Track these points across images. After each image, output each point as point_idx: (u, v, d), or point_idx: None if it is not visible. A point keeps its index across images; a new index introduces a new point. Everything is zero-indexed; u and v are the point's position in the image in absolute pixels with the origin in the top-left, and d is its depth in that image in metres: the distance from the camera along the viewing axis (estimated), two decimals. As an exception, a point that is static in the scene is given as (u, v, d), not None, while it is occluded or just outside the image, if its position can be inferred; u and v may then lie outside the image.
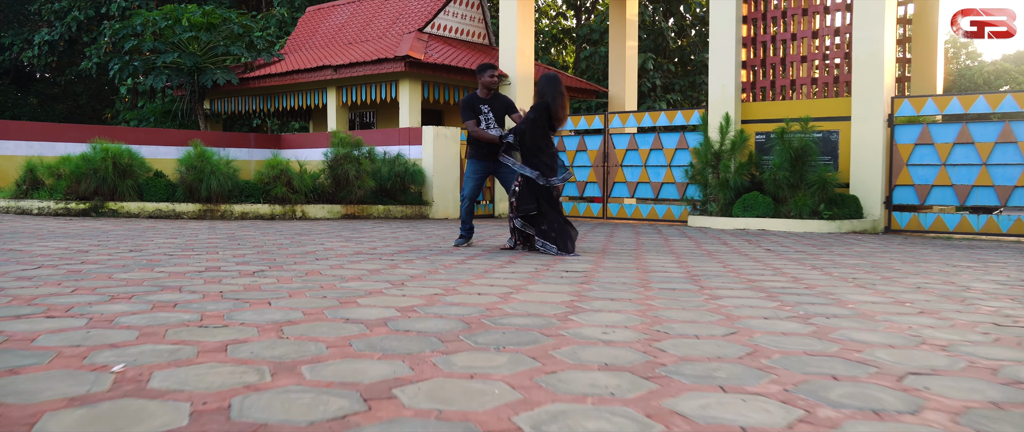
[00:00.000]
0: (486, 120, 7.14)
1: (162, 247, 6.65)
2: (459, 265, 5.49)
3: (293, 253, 6.25)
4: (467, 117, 7.10)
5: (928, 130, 11.71)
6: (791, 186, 11.78)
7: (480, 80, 7.21)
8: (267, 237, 8.08)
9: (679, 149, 14.11)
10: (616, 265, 5.73)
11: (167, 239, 7.58)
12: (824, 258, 6.84)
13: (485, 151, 7.15)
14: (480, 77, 7.21)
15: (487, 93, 7.22)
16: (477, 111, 7.13)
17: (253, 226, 10.20)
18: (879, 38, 11.97)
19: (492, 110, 7.18)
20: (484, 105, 7.16)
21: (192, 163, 11.56)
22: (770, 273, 5.49)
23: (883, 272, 5.69)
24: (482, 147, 7.15)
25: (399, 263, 5.56)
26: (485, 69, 7.18)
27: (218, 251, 6.33)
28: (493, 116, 7.17)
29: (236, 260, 5.58)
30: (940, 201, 11.70)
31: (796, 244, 8.61)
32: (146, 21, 17.95)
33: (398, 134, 15.31)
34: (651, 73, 25.32)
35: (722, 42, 13.41)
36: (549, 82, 6.60)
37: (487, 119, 7.14)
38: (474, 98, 7.18)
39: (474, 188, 7.26)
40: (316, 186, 12.93)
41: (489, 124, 7.15)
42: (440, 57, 15.89)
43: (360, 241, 7.86)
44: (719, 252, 7.32)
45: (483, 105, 7.16)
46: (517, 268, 5.35)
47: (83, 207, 11.20)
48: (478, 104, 7.15)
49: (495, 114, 7.19)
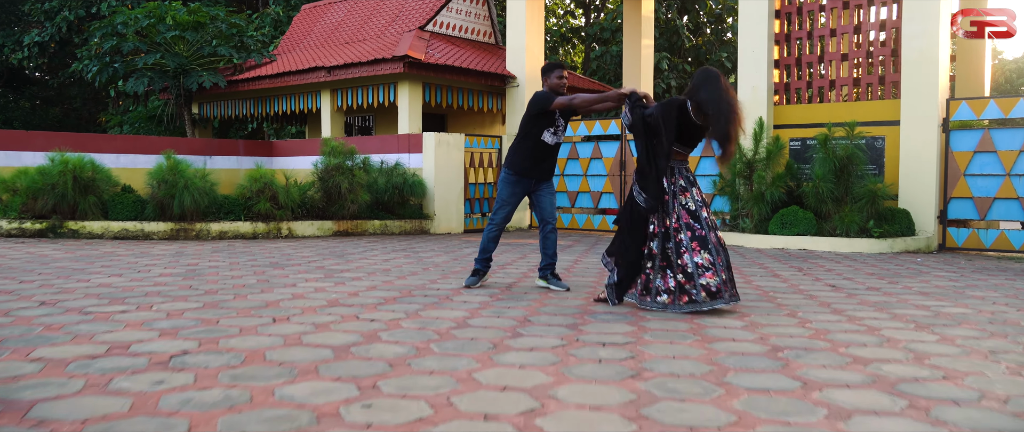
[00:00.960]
0: (557, 129, 5.83)
1: (92, 292, 5.38)
2: (459, 332, 4.19)
3: (249, 306, 4.96)
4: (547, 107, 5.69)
5: (989, 136, 10.39)
6: (835, 200, 10.46)
7: (547, 83, 5.86)
8: (233, 272, 6.80)
9: (704, 157, 12.80)
10: (663, 327, 4.43)
11: (109, 277, 6.31)
12: (911, 302, 5.54)
13: (536, 168, 5.84)
14: (547, 78, 5.86)
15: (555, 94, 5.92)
16: (552, 115, 5.81)
17: (228, 249, 8.93)
18: (933, 33, 10.66)
19: (564, 120, 5.88)
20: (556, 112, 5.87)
21: (163, 177, 10.29)
22: (867, 336, 4.19)
23: (1018, 336, 4.39)
24: (533, 163, 5.82)
25: (380, 329, 4.25)
26: (553, 69, 5.83)
27: (154, 302, 5.06)
28: (562, 122, 5.87)
29: (167, 322, 4.30)
30: (1003, 216, 10.37)
31: (854, 273, 7.30)
32: (128, 19, 16.69)
33: (396, 141, 14.04)
34: (665, 73, 24.00)
35: (752, 39, 12.10)
36: (706, 77, 5.04)
37: (558, 127, 5.84)
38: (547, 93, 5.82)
39: (509, 214, 5.98)
40: (304, 200, 11.66)
41: (559, 133, 5.85)
42: (442, 57, 14.60)
43: (342, 277, 6.57)
44: (777, 292, 6.02)
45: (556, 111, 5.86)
46: (536, 339, 4.04)
47: (40, 227, 9.95)
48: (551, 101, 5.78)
49: (564, 121, 5.89)
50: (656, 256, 5.00)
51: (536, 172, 5.87)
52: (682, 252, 4.90)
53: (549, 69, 5.85)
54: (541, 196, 5.95)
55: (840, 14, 11.90)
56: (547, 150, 5.85)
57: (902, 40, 10.98)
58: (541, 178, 5.92)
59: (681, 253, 4.90)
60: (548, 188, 5.98)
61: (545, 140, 5.79)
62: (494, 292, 5.75)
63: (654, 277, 4.99)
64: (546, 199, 5.95)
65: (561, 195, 14.23)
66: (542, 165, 5.87)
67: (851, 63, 11.90)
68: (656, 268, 4.99)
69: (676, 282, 4.88)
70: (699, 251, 4.89)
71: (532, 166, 5.83)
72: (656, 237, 5.03)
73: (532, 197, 5.99)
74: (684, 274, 4.86)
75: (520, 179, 5.85)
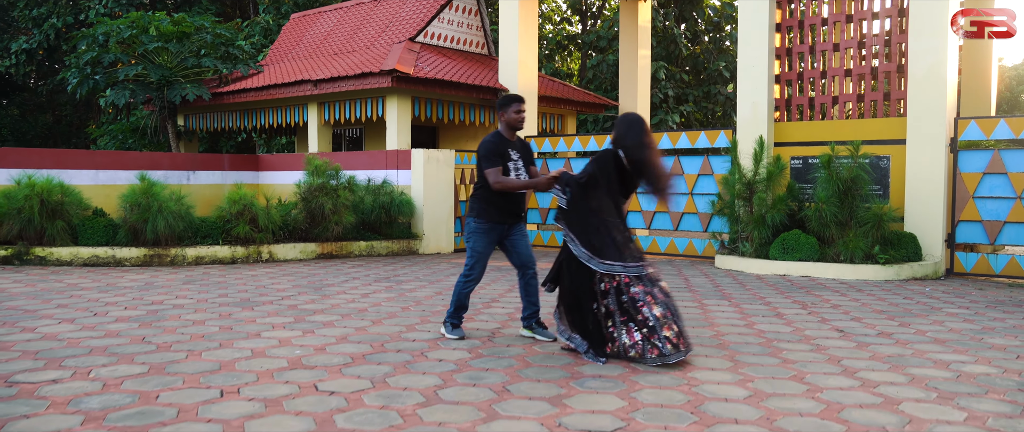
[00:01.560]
0: (515, 169, 5.38)
1: (32, 348, 4.92)
2: (426, 413, 3.72)
3: (200, 369, 4.50)
4: (492, 164, 5.24)
5: (999, 157, 9.95)
6: (839, 224, 10.02)
7: (503, 117, 5.43)
8: (197, 315, 6.34)
9: (702, 175, 12.35)
10: (657, 400, 3.97)
11: (60, 322, 5.84)
12: (927, 354, 5.09)
13: (505, 211, 5.40)
14: (503, 113, 5.42)
15: (512, 135, 5.47)
16: (505, 156, 5.34)
17: (202, 280, 8.47)
18: (941, 49, 10.25)
19: (521, 155, 5.42)
20: (512, 150, 5.39)
21: (136, 199, 9.82)
22: (887, 415, 3.74)
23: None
24: (502, 206, 5.37)
25: (338, 410, 3.78)
26: (510, 103, 5.39)
27: (94, 365, 4.59)
28: (523, 164, 5.42)
29: (98, 399, 3.83)
30: (1014, 241, 9.93)
31: (862, 309, 6.85)
32: (110, 30, 16.22)
33: (385, 157, 13.59)
34: (663, 83, 23.56)
35: (753, 54, 11.66)
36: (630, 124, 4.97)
37: (516, 167, 5.38)
38: (500, 140, 5.37)
39: (485, 267, 5.51)
40: (287, 222, 11.20)
41: (519, 174, 5.39)
42: (433, 70, 14.15)
43: (313, 321, 6.12)
44: (781, 339, 5.57)
45: (511, 150, 5.38)
46: (511, 422, 3.58)
47: (5, 253, 9.48)
48: (506, 148, 5.36)
49: (524, 160, 5.44)
50: (614, 312, 4.83)
51: (506, 216, 5.42)
52: (640, 306, 4.74)
53: (505, 103, 5.41)
54: (515, 240, 5.48)
55: (843, 28, 11.48)
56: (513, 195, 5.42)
57: (909, 56, 10.55)
58: (513, 221, 5.47)
59: (639, 307, 4.74)
60: (520, 230, 5.52)
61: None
62: (474, 344, 5.29)
63: (619, 335, 4.80)
64: (521, 242, 5.49)
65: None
66: (510, 208, 5.42)
67: (855, 79, 11.48)
68: (618, 324, 4.82)
69: (641, 335, 4.72)
70: (655, 304, 4.75)
71: (499, 211, 5.38)
72: (610, 294, 4.84)
73: (505, 243, 5.51)
74: (647, 328, 4.71)
75: (492, 226, 5.39)
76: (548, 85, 16.98)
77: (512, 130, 5.43)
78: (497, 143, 5.31)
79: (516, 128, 5.41)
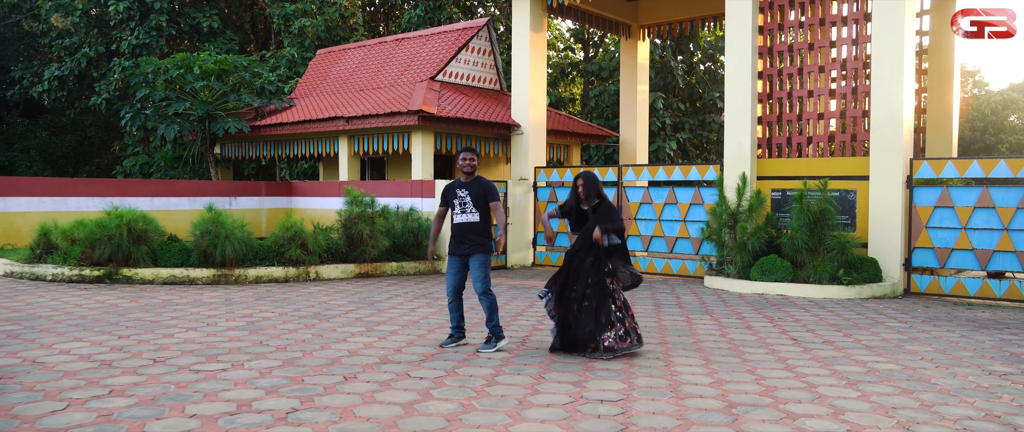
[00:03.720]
0: (461, 203, 6.93)
1: (185, 348, 6.57)
2: (492, 389, 5.37)
3: (319, 363, 6.14)
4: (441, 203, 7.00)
5: (948, 193, 11.61)
6: (810, 250, 11.67)
7: (458, 165, 7.05)
8: (286, 324, 7.99)
9: (694, 204, 14.02)
10: (648, 385, 5.62)
11: (186, 330, 7.50)
12: (853, 356, 6.74)
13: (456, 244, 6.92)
14: (458, 162, 7.03)
15: (466, 178, 7.03)
16: (450, 194, 6.97)
17: (268, 296, 10.12)
18: (898, 98, 11.90)
19: (470, 194, 6.95)
20: (462, 190, 6.96)
21: (206, 228, 11.49)
22: (804, 393, 5.39)
23: (921, 392, 5.58)
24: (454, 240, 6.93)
25: (431, 387, 5.42)
26: (461, 153, 6.99)
27: (242, 359, 6.23)
28: (470, 200, 6.94)
29: (265, 381, 5.48)
30: (960, 265, 11.57)
31: (819, 323, 8.50)
32: (157, 69, 17.96)
33: (410, 186, 15.26)
34: (660, 112, 25.28)
35: (738, 99, 13.35)
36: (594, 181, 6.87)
37: (463, 202, 6.93)
38: (454, 183, 7.02)
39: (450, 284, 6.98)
40: (330, 246, 12.85)
41: (466, 207, 6.94)
42: (453, 108, 15.86)
43: (382, 330, 7.75)
44: (746, 345, 7.21)
45: (461, 190, 6.96)
46: (550, 396, 5.23)
47: (97, 274, 11.13)
48: (455, 188, 6.98)
49: (473, 198, 6.95)
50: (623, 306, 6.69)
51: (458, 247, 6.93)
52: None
53: (459, 154, 7.08)
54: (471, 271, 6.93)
55: (817, 77, 13.15)
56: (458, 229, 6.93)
57: (871, 104, 12.20)
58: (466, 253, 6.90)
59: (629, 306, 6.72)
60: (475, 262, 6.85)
61: (455, 220, 6.96)
62: (511, 347, 6.94)
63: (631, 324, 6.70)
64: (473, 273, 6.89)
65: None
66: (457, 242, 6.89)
67: (827, 122, 13.13)
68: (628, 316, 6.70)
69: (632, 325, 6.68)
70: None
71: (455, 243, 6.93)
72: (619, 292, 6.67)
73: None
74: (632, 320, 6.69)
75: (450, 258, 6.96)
76: (555, 119, 18.67)
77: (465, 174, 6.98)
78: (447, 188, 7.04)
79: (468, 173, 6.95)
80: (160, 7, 25.99)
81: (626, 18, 18.99)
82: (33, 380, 5.37)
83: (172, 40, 28.95)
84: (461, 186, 6.97)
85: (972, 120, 39.93)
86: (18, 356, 6.15)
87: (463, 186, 6.96)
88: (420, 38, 19.40)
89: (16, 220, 14.19)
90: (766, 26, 13.48)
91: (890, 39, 11.86)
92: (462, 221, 6.89)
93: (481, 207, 6.92)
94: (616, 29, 19.15)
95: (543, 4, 16.35)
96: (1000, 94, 45.15)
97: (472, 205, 6.89)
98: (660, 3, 18.94)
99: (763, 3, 13.46)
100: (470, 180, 7.01)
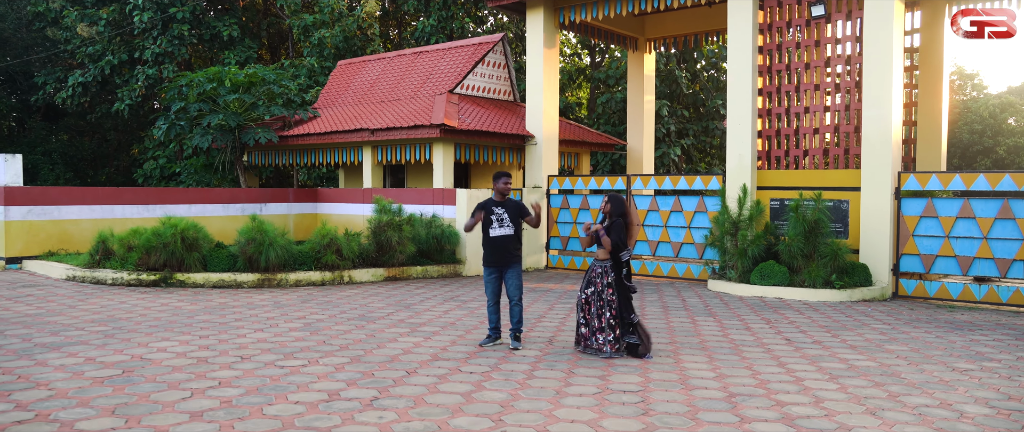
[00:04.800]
0: (499, 219, 7.96)
1: (263, 347, 7.63)
2: (532, 382, 6.43)
3: (381, 360, 7.19)
4: (474, 212, 7.99)
5: (933, 204, 12.63)
6: (805, 256, 12.70)
7: (495, 187, 8.09)
8: (339, 326, 9.06)
9: (698, 212, 15.06)
10: (662, 378, 6.67)
11: (254, 331, 8.57)
12: (838, 355, 7.78)
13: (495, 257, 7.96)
14: (495, 185, 8.08)
15: (501, 198, 8.09)
16: (488, 210, 7.97)
17: (311, 299, 11.18)
18: (887, 117, 12.89)
19: (506, 211, 8.01)
20: (498, 207, 8.00)
21: (251, 235, 12.55)
22: (792, 385, 6.44)
23: (890, 385, 6.62)
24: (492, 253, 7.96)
25: (483, 380, 6.48)
26: (499, 177, 8.06)
27: (316, 356, 7.28)
28: (507, 216, 7.99)
29: (344, 374, 6.55)
30: (944, 270, 12.59)
31: (810, 324, 9.54)
32: (190, 82, 19.03)
33: (432, 194, 16.29)
34: (665, 119, 26.28)
35: (739, 114, 14.37)
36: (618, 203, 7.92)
37: (500, 218, 7.96)
38: (487, 201, 8.06)
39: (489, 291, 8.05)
40: (361, 251, 13.89)
41: (503, 222, 7.96)
42: (472, 120, 16.91)
43: (425, 331, 8.81)
44: (745, 344, 8.25)
45: (496, 207, 8.00)
46: (582, 377, 6.28)
47: (153, 278, 12.20)
48: (491, 206, 8.01)
49: (509, 215, 8.01)
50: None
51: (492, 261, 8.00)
52: None
53: (497, 178, 8.07)
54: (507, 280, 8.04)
55: (813, 95, 14.16)
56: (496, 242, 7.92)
57: (863, 121, 13.21)
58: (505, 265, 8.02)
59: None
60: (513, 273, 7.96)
61: (491, 234, 7.96)
62: (541, 346, 7.99)
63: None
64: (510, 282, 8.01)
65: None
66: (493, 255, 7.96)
67: (822, 136, 14.14)
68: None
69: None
70: None
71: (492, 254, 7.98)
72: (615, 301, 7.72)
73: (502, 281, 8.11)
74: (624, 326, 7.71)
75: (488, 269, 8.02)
76: (567, 129, 19.71)
77: (501, 195, 8.04)
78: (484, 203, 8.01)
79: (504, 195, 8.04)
80: (182, 17, 27.04)
81: (634, 32, 20.03)
82: (152, 373, 6.44)
83: (193, 48, 30.02)
84: (496, 204, 8.05)
85: (970, 123, 40.79)
86: (125, 353, 7.22)
87: (499, 204, 8.04)
88: (438, 52, 20.45)
89: (69, 227, 15.27)
90: (765, 46, 14.50)
91: (880, 62, 12.88)
92: (499, 235, 7.94)
93: (516, 222, 8.01)
94: (624, 42, 20.19)
95: (556, 21, 17.39)
96: (998, 97, 45.90)
97: (509, 220, 7.98)
98: (666, 18, 19.95)
99: (763, 25, 14.48)
100: (503, 199, 8.08)
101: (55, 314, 9.53)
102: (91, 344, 7.68)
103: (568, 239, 16.94)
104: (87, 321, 9.02)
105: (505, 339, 8.23)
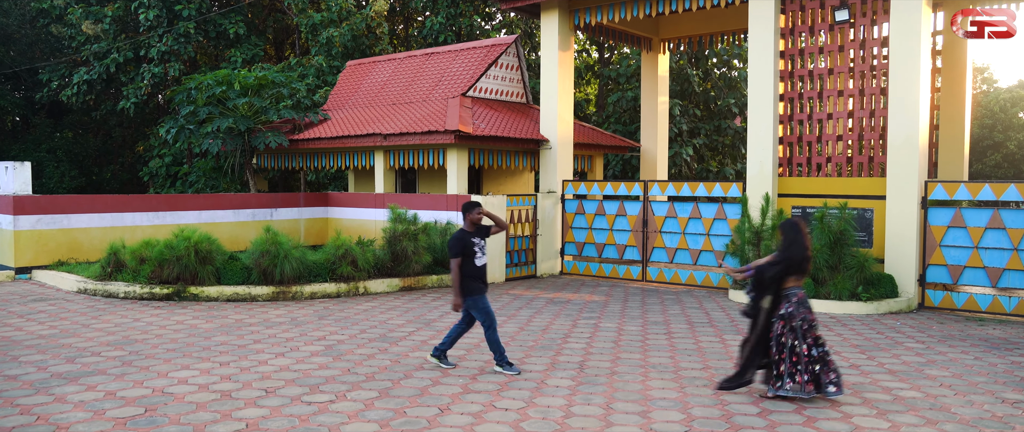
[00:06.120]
0: (481, 249, 7.87)
1: (286, 377, 7.38)
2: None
3: (411, 393, 6.96)
4: (455, 254, 7.76)
5: (961, 214, 12.35)
6: (830, 267, 12.44)
7: (468, 218, 7.90)
8: (361, 349, 8.81)
9: (717, 219, 14.80)
10: (702, 411, 6.43)
11: (275, 356, 8.32)
12: (879, 382, 7.53)
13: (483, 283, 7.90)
14: (470, 215, 7.89)
15: (473, 227, 7.93)
16: (468, 245, 7.80)
17: (328, 314, 10.94)
18: (914, 123, 12.60)
19: (483, 239, 7.95)
20: (476, 238, 7.88)
21: (266, 248, 12.30)
22: (841, 423, 6.18)
23: (944, 423, 6.37)
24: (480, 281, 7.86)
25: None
26: (471, 207, 7.88)
27: (341, 389, 7.04)
28: (485, 245, 7.96)
29: (374, 413, 6.30)
30: (972, 282, 12.33)
31: (842, 343, 9.29)
32: (199, 85, 18.76)
33: (446, 201, 16.03)
34: (677, 118, 25.98)
35: (760, 120, 14.08)
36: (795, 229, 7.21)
37: (482, 248, 7.89)
38: (463, 235, 7.83)
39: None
40: (376, 262, 13.65)
41: (484, 251, 7.89)
42: (486, 125, 16.63)
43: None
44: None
45: (475, 238, 7.87)
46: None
47: (166, 291, 11.96)
48: (468, 239, 7.82)
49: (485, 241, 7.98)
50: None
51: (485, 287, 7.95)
52: None
53: (468, 208, 7.89)
54: None
55: (836, 101, 13.87)
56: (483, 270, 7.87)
57: (888, 128, 12.92)
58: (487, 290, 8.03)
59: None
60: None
61: (478, 264, 7.86)
62: (572, 373, 7.74)
63: None
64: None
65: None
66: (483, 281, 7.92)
67: (845, 143, 13.86)
68: None
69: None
70: None
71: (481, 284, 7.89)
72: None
73: None
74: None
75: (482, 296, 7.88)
76: (580, 132, 19.44)
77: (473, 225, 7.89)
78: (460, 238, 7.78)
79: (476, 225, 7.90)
80: (188, 14, 26.76)
81: (648, 33, 19.73)
82: (175, 411, 6.20)
83: (199, 46, 29.73)
84: (473, 236, 7.91)
85: (981, 117, 40.41)
86: (145, 385, 6.99)
87: (474, 235, 7.92)
88: (449, 53, 20.16)
89: (78, 236, 15.04)
90: (787, 51, 14.20)
91: (907, 68, 12.58)
92: (484, 263, 7.95)
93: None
94: (638, 43, 19.89)
95: (570, 24, 17.10)
96: (1009, 91, 45.49)
97: (485, 246, 7.98)
98: (680, 19, 19.64)
99: (784, 29, 14.18)
100: (475, 228, 7.95)
101: (69, 335, 9.29)
102: (109, 373, 7.45)
103: (583, 245, 16.68)
104: (103, 344, 8.79)
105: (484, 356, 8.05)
